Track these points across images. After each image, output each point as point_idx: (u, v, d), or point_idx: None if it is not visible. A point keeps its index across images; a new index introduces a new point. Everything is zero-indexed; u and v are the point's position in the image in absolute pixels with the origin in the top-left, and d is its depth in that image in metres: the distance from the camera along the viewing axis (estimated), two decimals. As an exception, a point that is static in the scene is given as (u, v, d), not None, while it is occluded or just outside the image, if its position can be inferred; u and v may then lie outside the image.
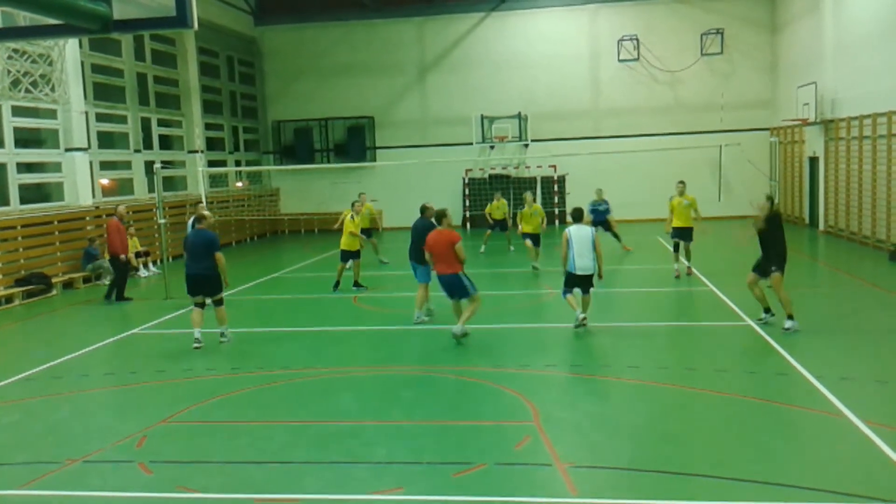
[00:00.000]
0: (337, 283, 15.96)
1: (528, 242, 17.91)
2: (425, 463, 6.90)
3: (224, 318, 11.79)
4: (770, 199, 12.19)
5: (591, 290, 11.64)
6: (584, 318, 11.34)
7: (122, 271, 16.23)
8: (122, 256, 16.09)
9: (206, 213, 11.92)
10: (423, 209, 12.73)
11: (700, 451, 7.02)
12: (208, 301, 11.63)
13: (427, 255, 11.40)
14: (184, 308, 14.74)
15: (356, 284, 15.95)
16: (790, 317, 10.97)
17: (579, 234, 11.36)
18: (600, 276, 11.55)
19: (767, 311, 11.52)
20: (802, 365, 9.30)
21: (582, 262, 11.29)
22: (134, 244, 20.33)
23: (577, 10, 29.71)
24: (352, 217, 15.90)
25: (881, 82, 19.00)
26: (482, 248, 21.00)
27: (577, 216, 11.82)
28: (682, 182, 16.28)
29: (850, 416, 7.53)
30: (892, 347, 10.41)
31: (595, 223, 18.66)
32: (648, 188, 27.55)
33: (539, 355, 10.58)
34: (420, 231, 12.29)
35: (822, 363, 9.41)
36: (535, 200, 19.00)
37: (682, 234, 15.90)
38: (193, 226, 12.29)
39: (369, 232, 19.47)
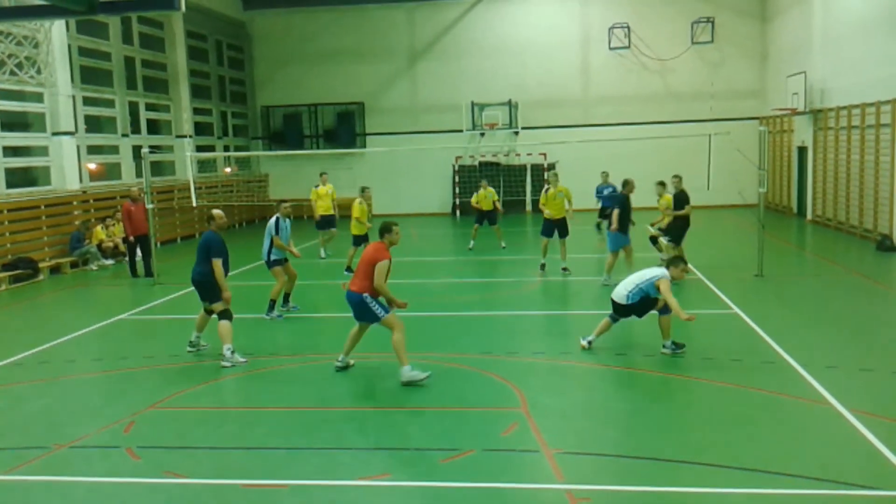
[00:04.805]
0: (348, 268, 16.07)
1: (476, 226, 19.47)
2: (412, 449, 6.91)
3: (223, 334, 9.86)
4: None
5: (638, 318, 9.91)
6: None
7: (132, 250, 17.44)
8: (132, 238, 17.18)
9: (217, 212, 10.23)
10: (626, 182, 14.97)
11: (686, 438, 7.07)
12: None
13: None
14: (172, 293, 14.72)
15: (349, 269, 15.93)
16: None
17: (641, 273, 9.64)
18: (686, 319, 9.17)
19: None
20: (789, 353, 9.37)
21: (620, 290, 9.68)
22: (121, 230, 20.23)
23: (568, -3, 29.63)
24: (359, 202, 16.25)
25: (870, 72, 19.06)
26: (471, 245, 19.43)
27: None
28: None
29: (836, 405, 7.60)
30: (878, 336, 10.51)
31: (602, 210, 18.91)
32: (637, 176, 27.43)
33: (527, 342, 10.62)
34: (623, 202, 14.65)
35: (808, 351, 9.48)
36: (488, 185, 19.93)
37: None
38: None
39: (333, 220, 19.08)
